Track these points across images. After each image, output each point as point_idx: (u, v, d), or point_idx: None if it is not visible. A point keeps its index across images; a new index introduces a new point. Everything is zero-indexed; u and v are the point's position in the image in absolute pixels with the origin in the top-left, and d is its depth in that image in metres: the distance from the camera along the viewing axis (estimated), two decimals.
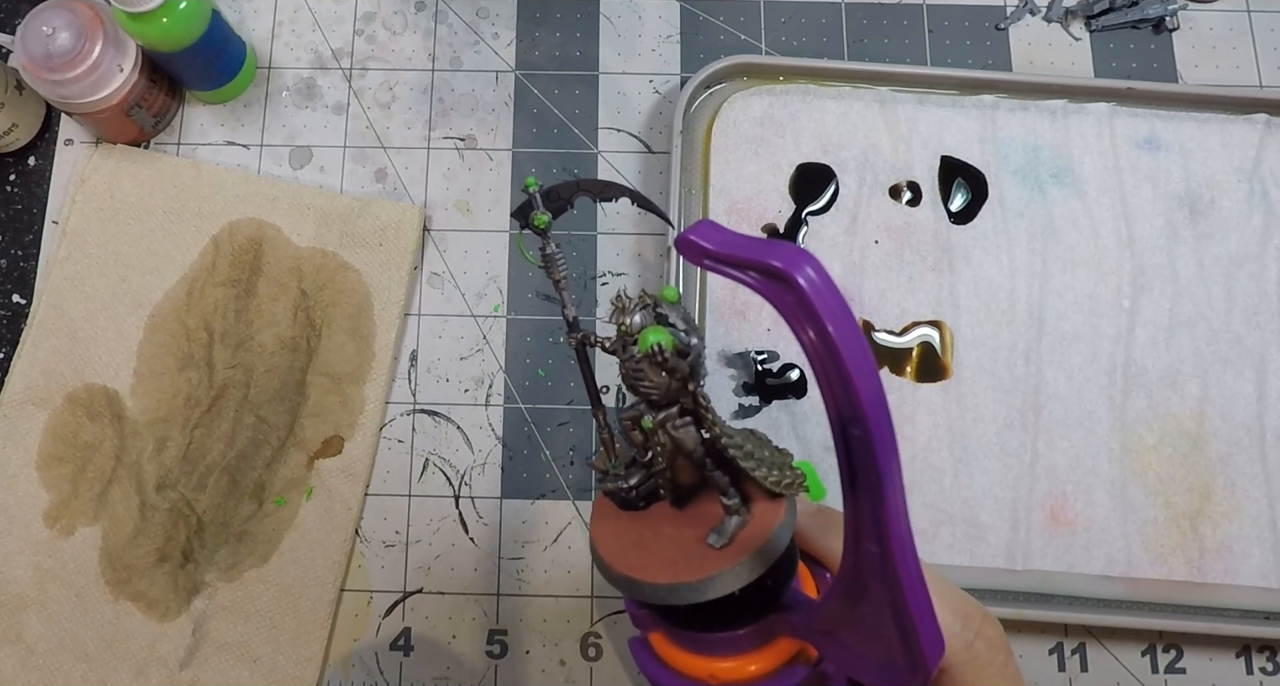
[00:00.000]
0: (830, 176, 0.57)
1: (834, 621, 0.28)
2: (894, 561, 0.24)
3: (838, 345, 0.22)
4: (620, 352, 0.30)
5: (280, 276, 0.57)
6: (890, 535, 0.24)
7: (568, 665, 0.53)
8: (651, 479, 0.33)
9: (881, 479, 0.23)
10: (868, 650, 0.27)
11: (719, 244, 0.24)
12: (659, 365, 0.27)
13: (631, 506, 0.33)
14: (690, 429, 0.30)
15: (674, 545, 0.31)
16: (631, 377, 0.29)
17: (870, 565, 0.25)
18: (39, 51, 0.52)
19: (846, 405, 0.23)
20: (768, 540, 0.29)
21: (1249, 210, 0.56)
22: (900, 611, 0.25)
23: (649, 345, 0.27)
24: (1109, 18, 0.61)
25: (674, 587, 0.29)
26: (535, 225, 0.33)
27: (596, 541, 0.32)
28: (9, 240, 0.60)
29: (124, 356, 0.56)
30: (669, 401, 0.30)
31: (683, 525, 0.32)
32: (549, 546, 0.54)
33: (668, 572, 0.29)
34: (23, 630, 0.52)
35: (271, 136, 0.60)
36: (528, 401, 0.56)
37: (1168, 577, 0.51)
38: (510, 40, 0.62)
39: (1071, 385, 0.54)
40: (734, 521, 0.30)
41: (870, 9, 0.62)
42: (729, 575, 0.29)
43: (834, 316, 0.22)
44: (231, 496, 0.54)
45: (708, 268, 0.25)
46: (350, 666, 0.53)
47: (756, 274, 0.23)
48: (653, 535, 0.32)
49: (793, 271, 0.22)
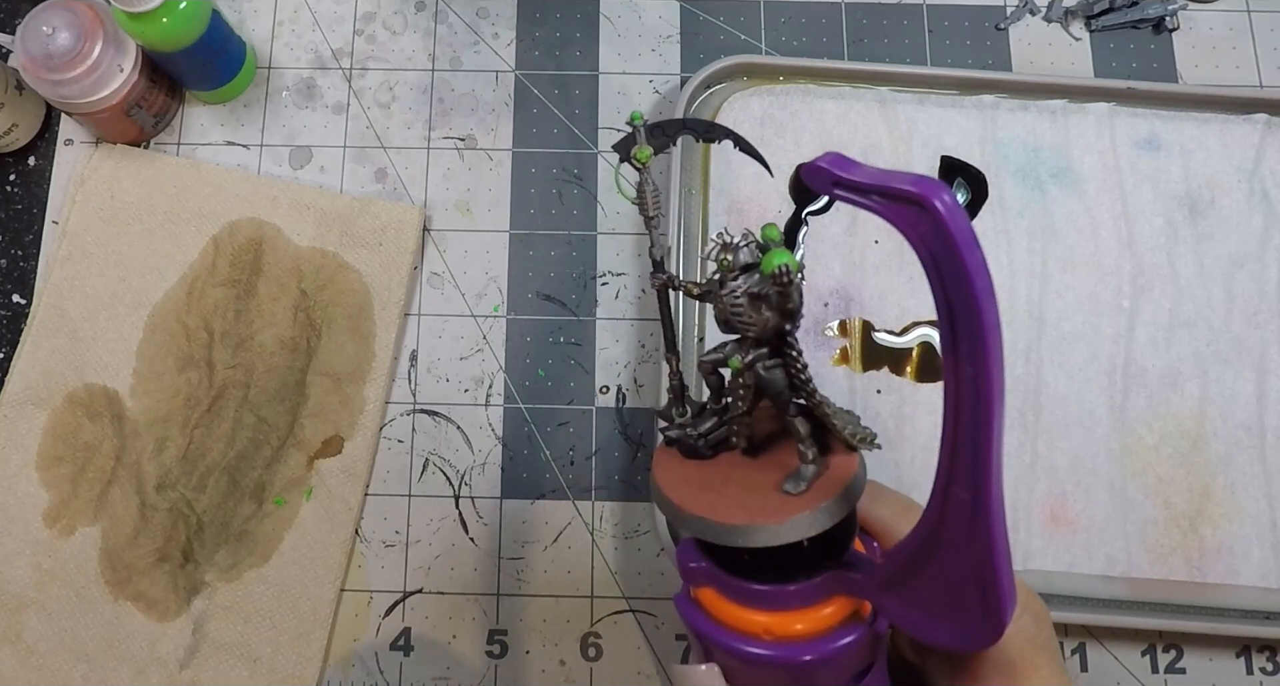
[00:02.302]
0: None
1: (903, 575, 0.27)
2: (987, 509, 0.24)
3: (970, 273, 0.22)
4: (719, 289, 0.29)
5: (280, 276, 0.57)
6: (988, 481, 0.24)
7: (568, 665, 0.53)
8: (723, 427, 0.32)
9: (991, 419, 0.23)
10: (936, 605, 0.27)
11: (849, 171, 0.24)
12: (781, 287, 0.27)
13: (699, 455, 0.33)
14: (778, 371, 0.30)
15: (747, 490, 0.30)
16: (729, 313, 0.29)
17: (958, 513, 0.25)
18: (39, 51, 0.52)
19: (966, 339, 0.23)
20: (846, 487, 0.29)
21: (1249, 210, 0.56)
22: (983, 560, 0.25)
23: (775, 266, 0.27)
24: (1109, 18, 0.61)
25: (750, 529, 0.28)
26: (637, 159, 0.33)
27: (662, 484, 0.32)
28: (9, 240, 0.60)
29: (124, 356, 0.56)
30: (761, 341, 0.30)
31: (754, 472, 0.31)
32: (549, 546, 0.54)
33: (743, 514, 0.29)
34: (23, 630, 0.52)
35: (271, 136, 0.60)
36: (528, 401, 0.56)
37: (1168, 577, 0.51)
38: (510, 40, 0.62)
39: (1071, 385, 0.54)
40: (811, 469, 0.30)
41: (870, 9, 0.62)
42: (808, 518, 0.28)
43: (967, 245, 0.22)
44: (231, 496, 0.54)
45: (836, 196, 0.25)
46: (350, 666, 0.53)
47: (887, 199, 0.24)
48: (723, 481, 0.31)
49: (930, 196, 0.22)
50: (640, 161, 0.33)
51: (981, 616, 0.26)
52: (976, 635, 0.26)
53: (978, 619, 0.26)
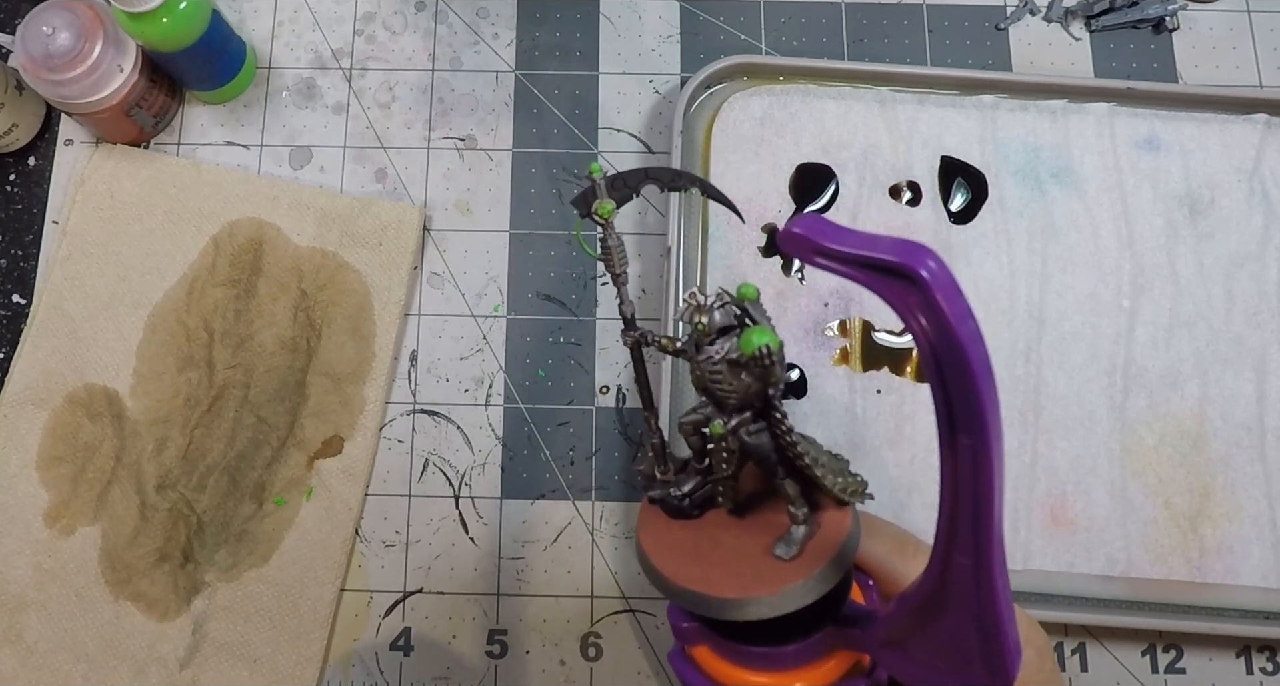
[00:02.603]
0: (830, 176, 0.57)
1: (904, 633, 0.27)
2: (990, 575, 0.24)
3: (965, 347, 0.21)
4: (694, 352, 0.28)
5: (280, 276, 0.57)
6: (990, 549, 0.23)
7: (568, 665, 0.53)
8: (707, 485, 0.31)
9: (991, 491, 0.23)
10: (939, 661, 0.26)
11: (831, 239, 0.23)
12: (762, 368, 0.26)
13: (684, 514, 0.31)
14: (764, 435, 0.28)
15: (737, 556, 0.29)
16: (707, 380, 0.28)
17: (961, 578, 0.24)
18: (39, 51, 0.52)
19: (963, 410, 0.22)
20: (839, 550, 0.28)
21: (1249, 210, 0.56)
22: (987, 623, 0.24)
23: (755, 348, 0.25)
24: (1109, 18, 0.61)
25: (745, 602, 0.27)
26: (599, 214, 0.31)
27: (649, 552, 0.30)
28: (9, 240, 0.60)
29: (124, 356, 0.56)
30: (743, 405, 0.28)
31: (743, 534, 0.30)
32: (549, 546, 0.54)
33: (736, 586, 0.28)
34: (23, 630, 0.52)
35: (271, 136, 0.60)
36: (528, 401, 0.56)
37: (1168, 577, 0.51)
38: (510, 40, 0.62)
39: (1071, 385, 0.54)
40: (802, 531, 0.29)
41: (870, 9, 0.62)
42: (803, 587, 0.27)
43: (959, 316, 0.21)
44: (231, 496, 0.54)
45: (817, 265, 0.23)
46: (350, 666, 0.53)
47: (871, 271, 0.22)
48: (711, 545, 0.30)
49: (916, 266, 0.21)
50: (602, 217, 0.31)
51: (986, 673, 0.25)
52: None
53: (982, 675, 0.25)
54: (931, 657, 0.26)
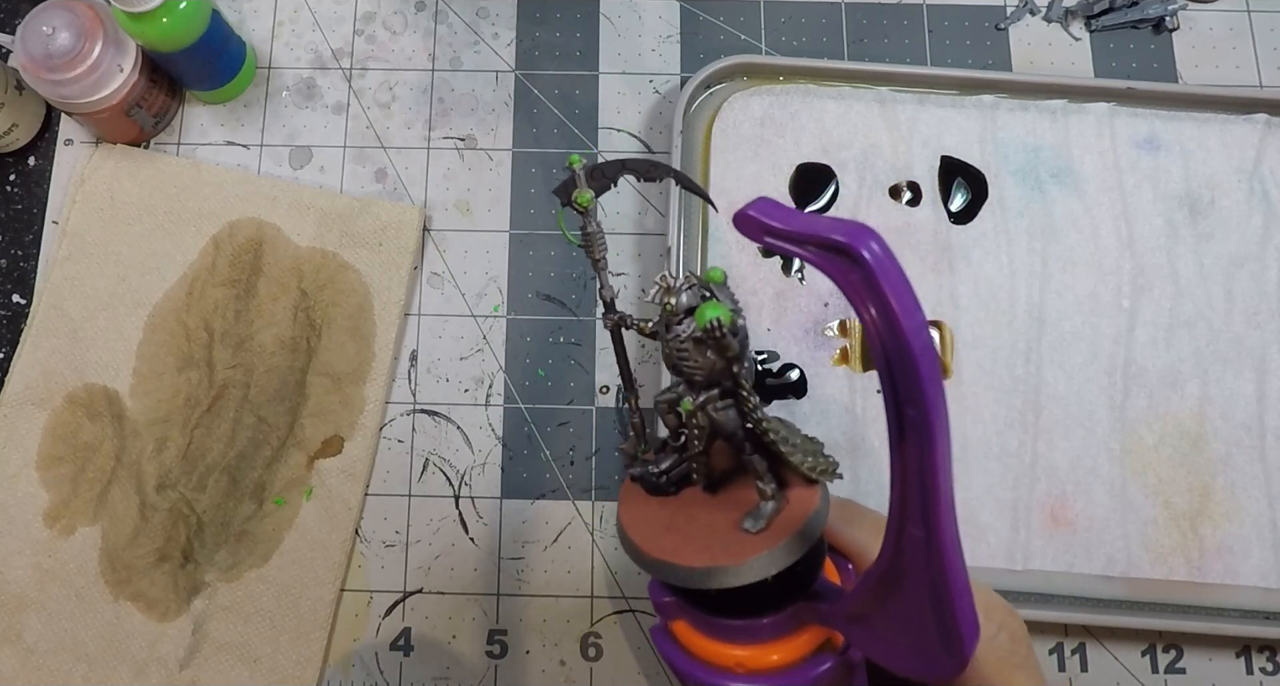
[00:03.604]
0: (830, 176, 0.57)
1: (867, 607, 0.28)
2: (940, 546, 0.24)
3: (901, 321, 0.22)
4: (664, 332, 0.29)
5: (280, 276, 0.57)
6: (939, 520, 0.24)
7: (568, 665, 0.53)
8: (683, 463, 0.32)
9: (935, 461, 0.23)
10: (901, 637, 0.27)
11: (779, 220, 0.24)
12: (715, 341, 0.27)
13: (661, 491, 0.33)
14: (731, 411, 0.30)
15: (708, 529, 0.30)
16: (675, 357, 0.29)
17: (913, 550, 0.25)
18: (39, 51, 0.52)
19: (905, 384, 0.23)
20: (805, 524, 0.29)
21: (1249, 210, 0.56)
22: (941, 597, 0.25)
23: (707, 320, 0.26)
24: (1109, 18, 0.61)
25: (711, 571, 0.29)
26: (578, 203, 0.33)
27: (627, 526, 0.32)
28: (9, 240, 0.60)
29: (124, 356, 0.56)
30: (710, 383, 0.29)
31: (715, 510, 0.31)
32: (549, 546, 0.54)
33: (704, 556, 0.29)
34: (23, 630, 0.52)
35: (271, 136, 0.60)
36: (528, 401, 0.56)
37: (1168, 577, 0.51)
38: (510, 40, 0.62)
39: (1071, 385, 0.54)
40: (770, 506, 0.30)
41: (870, 9, 0.62)
42: (767, 559, 0.28)
43: (898, 292, 0.22)
44: (231, 496, 0.54)
45: (768, 245, 0.24)
46: (350, 666, 0.53)
47: (818, 249, 0.23)
48: (685, 520, 0.31)
49: (858, 246, 0.22)
50: (581, 205, 0.33)
51: (943, 649, 0.26)
52: (940, 666, 0.26)
53: (939, 651, 0.26)
54: (893, 634, 0.27)
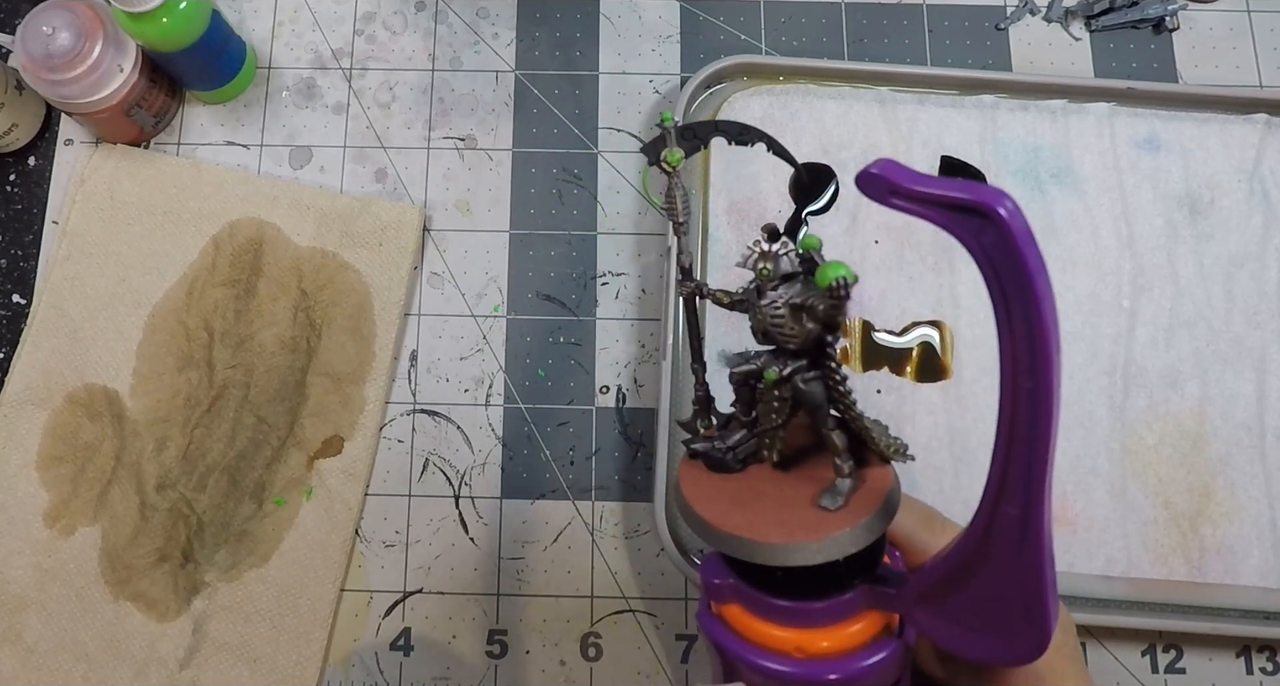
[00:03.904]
0: (830, 176, 0.57)
1: (941, 589, 0.27)
2: (1039, 523, 0.23)
3: (1036, 284, 0.21)
4: (756, 299, 0.28)
5: (280, 276, 0.57)
6: (1040, 499, 0.23)
7: (568, 665, 0.53)
8: (752, 439, 0.31)
9: (1046, 435, 0.23)
10: (976, 621, 0.26)
11: (907, 180, 0.23)
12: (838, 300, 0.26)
13: (726, 468, 0.32)
14: (817, 384, 0.29)
15: (781, 506, 0.29)
16: (769, 325, 0.28)
17: (1006, 529, 0.24)
18: (39, 51, 0.52)
19: (1027, 353, 0.22)
20: (885, 501, 0.28)
21: (1249, 210, 0.56)
22: (1031, 578, 0.24)
23: (832, 279, 0.25)
24: (1109, 18, 0.61)
25: (789, 547, 0.27)
26: (668, 162, 0.32)
27: (692, 501, 0.30)
28: (9, 240, 0.60)
29: (124, 356, 0.56)
30: (800, 353, 0.29)
31: (786, 487, 0.30)
32: (549, 546, 0.54)
33: (782, 532, 0.28)
34: (23, 630, 0.52)
35: (271, 136, 0.60)
36: (528, 401, 0.56)
37: (1168, 577, 0.51)
38: (510, 40, 0.62)
39: (1071, 385, 0.54)
40: (847, 483, 0.29)
41: (870, 9, 0.62)
42: (850, 535, 0.27)
43: (1033, 253, 0.21)
44: (231, 496, 0.54)
45: (893, 206, 0.24)
46: (350, 666, 0.53)
47: (948, 209, 0.23)
48: (754, 496, 0.30)
49: (995, 205, 0.21)
50: (671, 165, 0.32)
51: (1026, 631, 0.25)
52: (1020, 650, 0.26)
53: (1022, 634, 0.25)
54: (969, 616, 0.26)
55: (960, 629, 0.27)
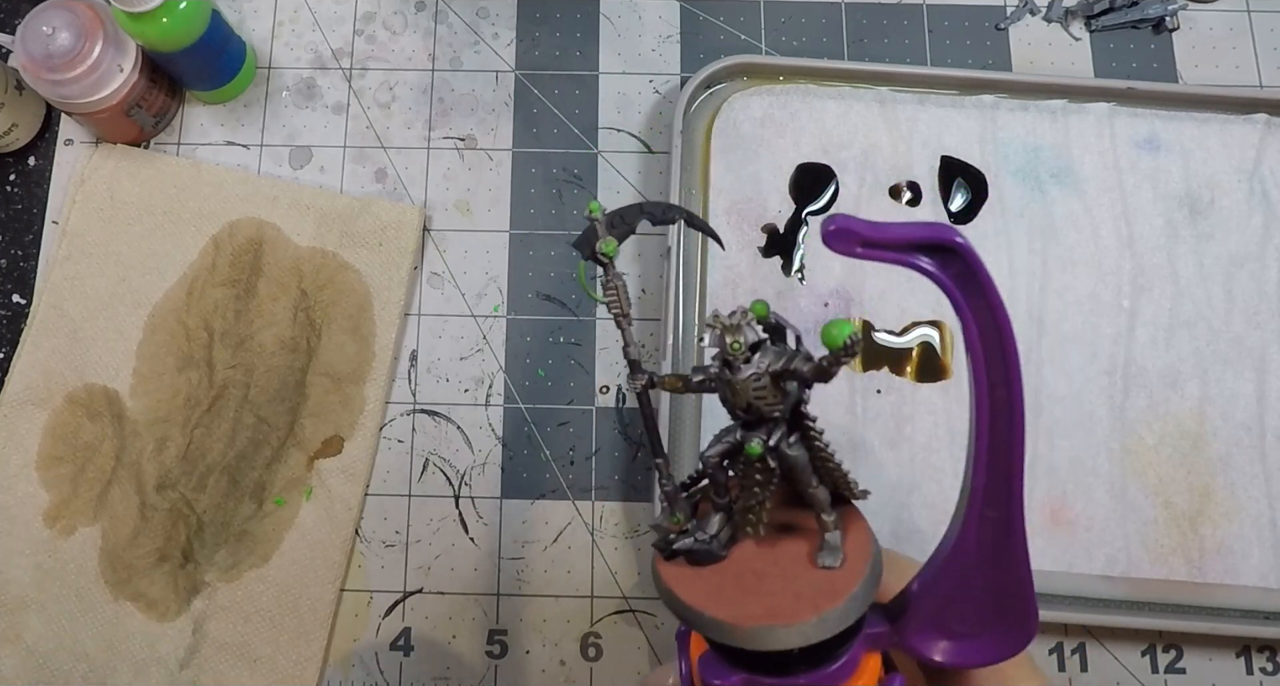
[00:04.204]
0: (830, 176, 0.57)
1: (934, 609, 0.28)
2: (1019, 524, 0.25)
3: (997, 305, 0.24)
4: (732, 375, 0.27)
5: (280, 276, 0.57)
6: (1016, 499, 0.25)
7: (568, 665, 0.53)
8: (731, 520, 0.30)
9: (1020, 437, 0.25)
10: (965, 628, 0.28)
11: (869, 230, 0.25)
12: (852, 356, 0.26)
13: (713, 558, 0.30)
14: (800, 445, 0.28)
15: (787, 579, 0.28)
16: (750, 398, 0.27)
17: (993, 534, 0.26)
18: (39, 51, 0.52)
19: (999, 366, 0.25)
20: (871, 540, 0.28)
21: (1249, 210, 0.56)
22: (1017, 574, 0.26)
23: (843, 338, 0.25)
24: (1109, 18, 0.61)
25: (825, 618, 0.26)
26: (604, 252, 0.30)
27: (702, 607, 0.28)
28: (9, 240, 0.60)
29: (124, 356, 0.56)
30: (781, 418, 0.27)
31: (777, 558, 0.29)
32: (549, 546, 0.54)
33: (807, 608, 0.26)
34: (23, 630, 0.52)
35: (271, 136, 0.60)
36: (528, 401, 0.56)
37: (1168, 577, 0.51)
38: (510, 40, 0.62)
39: (1071, 385, 0.54)
40: (837, 536, 0.28)
41: (870, 9, 0.62)
42: (863, 588, 0.27)
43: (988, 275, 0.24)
44: (231, 496, 0.54)
45: (861, 256, 0.25)
46: (350, 666, 0.53)
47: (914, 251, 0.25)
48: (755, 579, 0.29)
49: (955, 239, 0.24)
50: (607, 255, 0.30)
51: (1017, 626, 0.27)
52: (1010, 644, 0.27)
53: (1013, 628, 0.27)
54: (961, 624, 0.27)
55: (952, 639, 0.28)
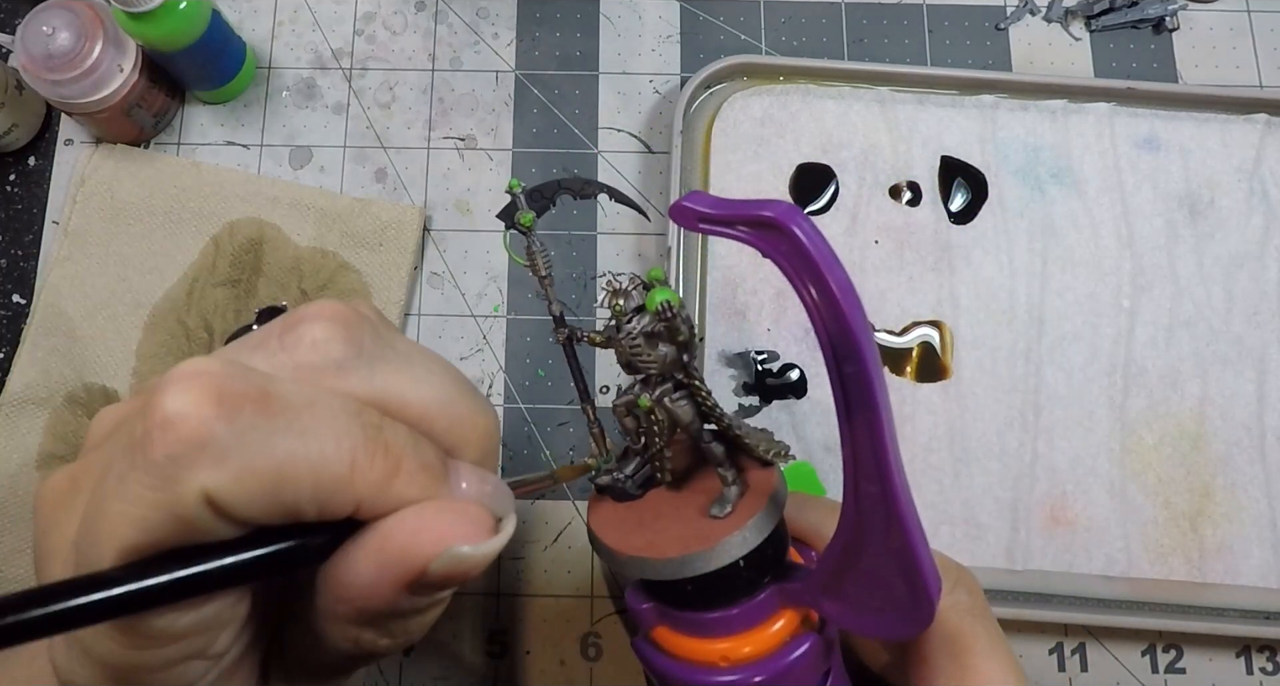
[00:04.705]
0: (830, 176, 0.57)
1: (836, 576, 0.28)
2: (895, 498, 0.25)
3: (830, 284, 0.24)
4: (616, 334, 0.31)
5: (280, 276, 0.57)
6: (889, 469, 0.25)
7: (568, 665, 0.53)
8: (646, 465, 0.34)
9: (878, 412, 0.25)
10: (871, 599, 0.28)
11: (711, 206, 0.26)
12: (667, 323, 0.29)
13: (629, 497, 0.34)
14: (685, 403, 0.31)
15: (677, 523, 0.31)
16: (629, 356, 0.30)
17: (871, 506, 0.26)
18: (39, 51, 0.52)
19: (842, 343, 0.24)
20: (768, 502, 0.30)
21: (1249, 210, 0.56)
22: (902, 548, 0.26)
23: (657, 304, 0.28)
24: (1109, 18, 0.61)
25: (685, 559, 0.29)
26: (522, 223, 0.34)
27: (597, 531, 0.33)
28: (9, 240, 0.60)
29: (124, 356, 0.56)
30: (665, 377, 0.31)
31: (681, 505, 0.32)
32: (549, 546, 0.54)
33: (678, 547, 0.30)
34: None
35: (271, 136, 0.60)
36: (528, 401, 0.56)
37: (1168, 577, 0.51)
38: (510, 40, 0.62)
39: (1071, 385, 0.54)
40: (733, 491, 0.31)
41: (870, 9, 0.62)
42: (738, 539, 0.29)
43: (825, 258, 0.24)
44: None
45: (703, 230, 0.27)
46: None
47: (749, 228, 0.26)
48: (654, 517, 0.32)
49: (785, 220, 0.24)
50: (525, 226, 0.34)
51: (911, 601, 0.27)
52: (911, 620, 0.27)
53: (908, 604, 0.27)
54: (863, 598, 0.28)
55: (859, 611, 0.28)
